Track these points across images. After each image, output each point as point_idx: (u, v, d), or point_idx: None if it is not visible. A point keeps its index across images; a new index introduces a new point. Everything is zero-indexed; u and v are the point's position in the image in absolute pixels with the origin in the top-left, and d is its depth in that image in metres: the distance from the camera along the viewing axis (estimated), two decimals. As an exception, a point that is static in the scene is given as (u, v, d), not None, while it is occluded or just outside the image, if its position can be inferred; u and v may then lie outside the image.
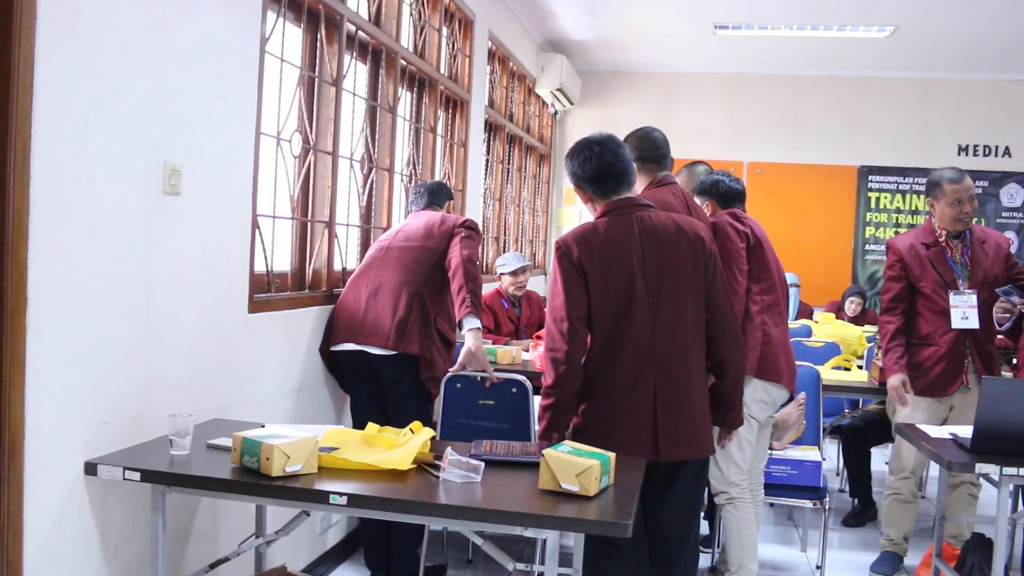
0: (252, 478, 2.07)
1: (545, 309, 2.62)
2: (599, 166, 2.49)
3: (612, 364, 2.43)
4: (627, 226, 2.45)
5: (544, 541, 2.25)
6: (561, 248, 2.45)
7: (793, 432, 3.57)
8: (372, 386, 3.32)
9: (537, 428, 2.51)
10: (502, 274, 4.94)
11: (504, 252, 6.56)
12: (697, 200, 3.33)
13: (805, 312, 7.14)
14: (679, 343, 2.44)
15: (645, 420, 2.41)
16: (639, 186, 2.94)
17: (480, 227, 4.16)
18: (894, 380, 3.62)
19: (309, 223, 3.50)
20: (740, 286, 3.12)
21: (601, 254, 2.43)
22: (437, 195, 3.71)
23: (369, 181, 4.06)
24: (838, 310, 6.88)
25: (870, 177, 7.94)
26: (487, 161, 6.27)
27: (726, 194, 3.33)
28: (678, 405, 2.43)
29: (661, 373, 2.42)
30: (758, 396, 3.18)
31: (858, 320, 6.67)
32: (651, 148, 3.02)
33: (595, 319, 2.44)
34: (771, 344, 3.19)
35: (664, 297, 2.43)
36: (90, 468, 2.12)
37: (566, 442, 2.20)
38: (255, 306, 2.92)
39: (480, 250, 4.78)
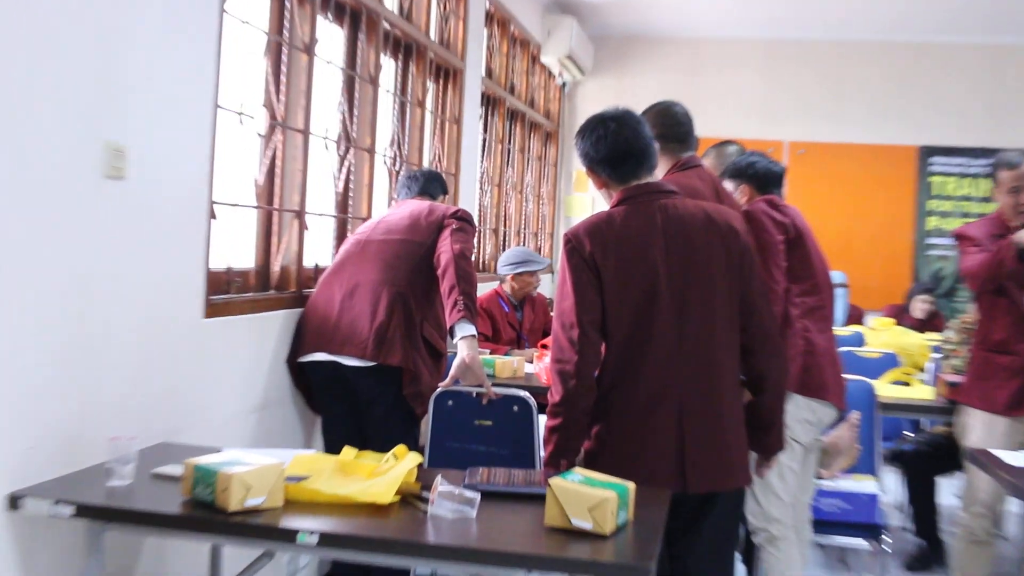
0: (206, 513, 2.06)
1: (551, 313, 2.61)
2: (615, 146, 2.48)
3: (631, 378, 2.42)
4: (648, 216, 2.45)
5: (550, 587, 2.23)
6: (571, 242, 2.45)
7: (844, 459, 3.55)
8: (347, 404, 3.31)
9: (543, 453, 2.51)
10: (519, 273, 4.88)
11: (505, 247, 6.55)
12: (728, 184, 3.32)
13: (855, 316, 7.12)
14: (709, 353, 2.43)
15: (670, 445, 2.39)
16: (660, 170, 2.93)
17: (475, 218, 4.14)
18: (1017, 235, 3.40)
19: (276, 212, 3.50)
20: (779, 286, 3.11)
21: (618, 249, 2.42)
22: (431, 184, 3.71)
23: (346, 164, 4.06)
24: (901, 313, 6.79)
25: (932, 159, 7.94)
26: (484, 140, 6.27)
27: (764, 177, 3.32)
28: (708, 427, 2.42)
29: (688, 389, 2.41)
30: (801, 415, 3.16)
31: (925, 325, 6.57)
32: (672, 125, 3.01)
33: (611, 325, 2.43)
34: (815, 354, 3.17)
35: (691, 299, 2.42)
36: (14, 501, 2.10)
37: (577, 470, 2.19)
38: (212, 309, 2.93)
39: (475, 244, 4.76)
